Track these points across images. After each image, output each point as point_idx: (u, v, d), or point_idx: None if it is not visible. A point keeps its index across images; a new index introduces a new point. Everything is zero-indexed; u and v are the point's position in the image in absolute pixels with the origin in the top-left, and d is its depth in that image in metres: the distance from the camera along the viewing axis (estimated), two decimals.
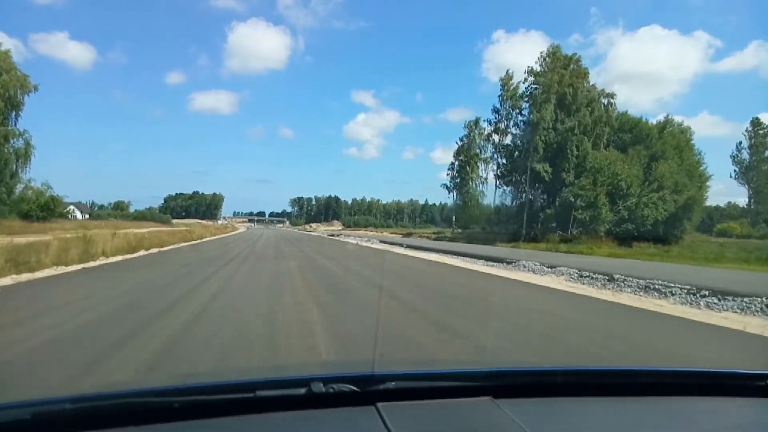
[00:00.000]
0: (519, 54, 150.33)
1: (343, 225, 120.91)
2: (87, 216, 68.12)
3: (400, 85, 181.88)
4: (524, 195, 34.96)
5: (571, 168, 31.56)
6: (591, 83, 34.60)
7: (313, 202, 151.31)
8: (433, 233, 50.00)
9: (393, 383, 1.09)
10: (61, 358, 3.84)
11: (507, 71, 36.21)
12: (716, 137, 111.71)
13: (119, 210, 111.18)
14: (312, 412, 1.01)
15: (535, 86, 33.59)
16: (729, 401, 1.21)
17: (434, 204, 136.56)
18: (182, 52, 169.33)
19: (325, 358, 3.91)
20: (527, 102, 34.84)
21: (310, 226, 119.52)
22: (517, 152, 36.49)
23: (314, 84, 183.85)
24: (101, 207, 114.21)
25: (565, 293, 8.93)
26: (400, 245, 27.37)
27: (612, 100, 34.71)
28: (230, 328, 5.08)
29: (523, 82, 35.16)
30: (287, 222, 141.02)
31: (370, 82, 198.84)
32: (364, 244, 31.15)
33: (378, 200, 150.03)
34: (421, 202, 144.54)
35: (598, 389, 1.21)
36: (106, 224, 33.41)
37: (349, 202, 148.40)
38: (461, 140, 44.44)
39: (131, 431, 0.92)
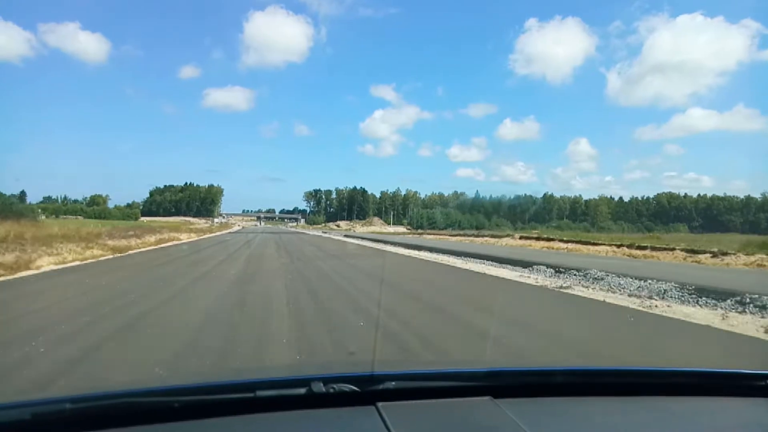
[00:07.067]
0: (553, 43, 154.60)
1: (409, 227, 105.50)
2: None
3: (421, 78, 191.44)
4: None
5: None
6: None
7: (333, 196, 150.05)
8: None
9: (393, 383, 1.28)
10: None
11: None
12: None
13: (96, 205, 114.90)
14: (312, 412, 1.21)
15: None
16: (729, 401, 1.38)
17: (487, 197, 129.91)
18: (197, 45, 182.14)
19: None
20: None
21: (337, 225, 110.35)
22: None
23: (333, 78, 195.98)
24: (74, 201, 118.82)
25: None
26: None
27: None
28: None
29: None
30: (302, 220, 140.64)
31: (391, 76, 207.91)
32: None
33: (415, 192, 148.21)
34: (470, 195, 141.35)
35: (598, 389, 1.38)
36: None
37: (377, 195, 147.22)
38: None
39: (131, 431, 1.11)
